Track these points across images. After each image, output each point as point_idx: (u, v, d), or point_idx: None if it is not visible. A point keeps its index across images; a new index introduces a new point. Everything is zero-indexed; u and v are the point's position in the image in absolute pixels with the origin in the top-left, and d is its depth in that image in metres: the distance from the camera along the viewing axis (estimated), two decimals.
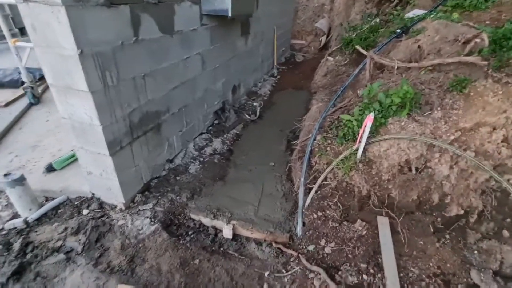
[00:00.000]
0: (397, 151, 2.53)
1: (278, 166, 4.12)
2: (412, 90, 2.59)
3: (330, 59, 5.24)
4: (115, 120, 2.53)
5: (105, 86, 2.34)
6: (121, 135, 2.65)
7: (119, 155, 2.68)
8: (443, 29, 3.10)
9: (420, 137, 2.47)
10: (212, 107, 4.65)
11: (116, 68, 2.41)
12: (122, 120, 2.62)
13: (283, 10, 8.24)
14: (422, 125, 2.57)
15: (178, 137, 3.76)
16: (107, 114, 2.42)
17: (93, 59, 2.17)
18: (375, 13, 5.35)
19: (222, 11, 3.56)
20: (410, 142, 2.51)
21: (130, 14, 2.44)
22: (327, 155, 2.99)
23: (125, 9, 2.38)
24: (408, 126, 2.61)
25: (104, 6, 2.18)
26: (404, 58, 3.39)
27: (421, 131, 2.54)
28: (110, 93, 2.41)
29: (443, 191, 2.43)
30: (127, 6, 2.39)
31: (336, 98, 3.51)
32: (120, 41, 2.40)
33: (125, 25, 2.42)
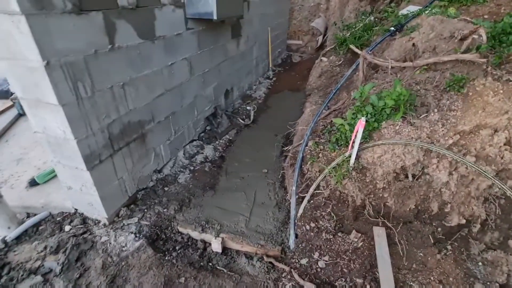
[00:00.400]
0: (391, 157, 2.37)
1: (271, 172, 3.96)
2: (406, 92, 2.43)
3: (324, 59, 5.09)
4: (91, 133, 2.40)
5: (78, 98, 2.20)
6: (99, 148, 2.51)
7: (98, 169, 2.55)
8: (439, 25, 2.94)
9: (416, 141, 2.30)
10: (203, 113, 4.51)
11: (90, 79, 2.28)
12: (100, 132, 2.49)
13: (277, 11, 8.11)
14: (418, 128, 2.41)
15: (166, 146, 3.62)
16: (81, 127, 2.29)
17: (62, 70, 2.04)
18: (369, 11, 5.18)
19: (207, 14, 3.43)
20: (406, 147, 2.34)
21: (103, 21, 2.31)
22: (319, 162, 2.83)
23: (97, 16, 2.25)
24: (403, 130, 2.44)
25: (73, 14, 2.05)
26: (399, 57, 3.23)
27: (417, 135, 2.37)
28: (85, 105, 2.28)
29: (442, 199, 2.26)
30: (100, 13, 2.26)
31: (329, 100, 3.35)
32: (93, 49, 2.27)
33: (98, 33, 2.29)
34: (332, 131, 3.16)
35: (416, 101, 2.58)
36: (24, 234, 2.79)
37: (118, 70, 2.57)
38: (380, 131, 2.54)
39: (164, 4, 3.03)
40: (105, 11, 2.31)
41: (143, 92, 2.96)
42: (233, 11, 3.93)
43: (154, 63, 3.05)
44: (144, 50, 2.85)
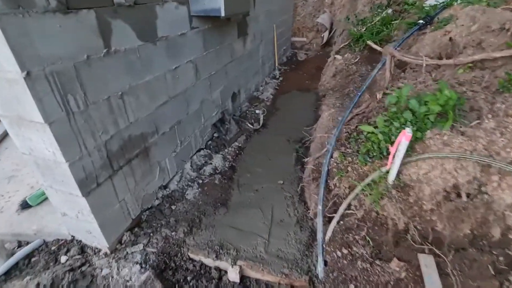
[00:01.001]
0: (441, 174, 2.01)
1: (287, 184, 3.60)
2: (455, 95, 2.06)
3: (339, 57, 4.70)
4: (86, 153, 2.04)
5: (68, 114, 1.85)
6: (96, 169, 2.16)
7: (95, 194, 2.19)
8: (481, 16, 2.56)
9: (472, 155, 1.94)
10: (210, 119, 4.15)
11: (82, 90, 1.92)
12: (96, 151, 2.13)
13: (282, 7, 7.72)
14: (471, 139, 2.04)
15: (172, 159, 3.26)
16: (74, 148, 1.94)
17: (47, 81, 1.68)
18: (385, 4, 4.79)
19: (214, 11, 3.05)
20: (458, 161, 1.98)
21: (96, 21, 1.95)
22: (348, 177, 2.47)
23: (89, 15, 1.89)
24: (453, 141, 2.07)
25: (58, 13, 1.68)
26: (432, 54, 2.85)
27: (471, 148, 2.00)
28: (77, 121, 1.92)
29: (506, 223, 1.90)
30: (92, 11, 1.90)
31: (354, 105, 2.99)
32: (85, 55, 1.91)
33: (90, 35, 1.93)
34: (359, 139, 2.79)
35: (465, 105, 2.21)
36: (15, 267, 2.45)
37: (115, 78, 2.21)
38: (425, 142, 2.17)
39: (166, 1, 2.66)
40: (98, 9, 1.95)
41: (144, 101, 2.61)
42: (241, 7, 3.55)
43: (156, 67, 2.69)
44: (144, 54, 2.49)
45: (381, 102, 3.08)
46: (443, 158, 2.02)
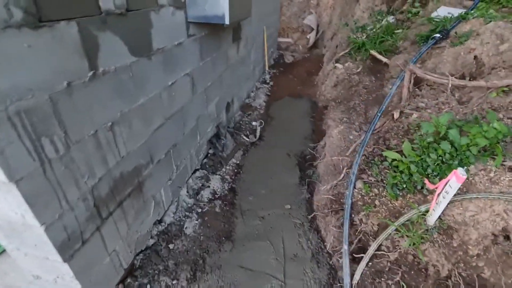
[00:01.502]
0: (490, 216, 1.81)
1: (295, 208, 3.30)
2: (505, 128, 1.86)
3: (339, 66, 4.46)
4: (68, 208, 1.57)
5: (43, 163, 1.37)
6: (81, 224, 1.69)
7: (80, 255, 1.72)
8: (510, 34, 2.41)
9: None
10: (206, 135, 3.72)
11: (62, 128, 1.45)
12: (81, 202, 1.66)
13: (272, 7, 7.36)
14: None
15: (167, 188, 2.82)
16: (51, 205, 1.46)
17: (12, 125, 1.20)
18: (385, 11, 4.62)
19: (216, 18, 2.63)
20: (509, 203, 1.79)
21: (79, 36, 1.47)
22: (377, 213, 2.21)
23: (70, 29, 1.41)
24: (501, 179, 1.89)
25: (25, 28, 1.20)
26: (454, 72, 2.68)
27: None
28: (55, 170, 1.44)
29: None
30: (73, 24, 1.42)
31: (373, 127, 2.74)
32: (65, 82, 1.43)
33: (72, 55, 1.45)
34: (381, 165, 2.54)
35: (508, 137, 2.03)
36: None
37: (104, 106, 1.74)
38: (468, 179, 1.97)
39: (162, 6, 2.20)
40: (82, 20, 1.47)
41: (138, 128, 2.14)
42: (244, 13, 3.15)
43: (151, 86, 2.23)
44: (138, 71, 2.02)
45: (398, 122, 2.86)
46: (493, 199, 1.82)
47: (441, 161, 2.08)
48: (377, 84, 4.00)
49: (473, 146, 1.97)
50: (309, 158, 4.09)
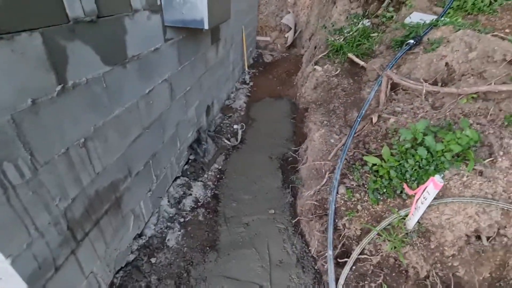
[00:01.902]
0: (464, 219, 1.92)
1: (279, 213, 3.31)
2: (476, 135, 1.97)
3: (319, 68, 4.51)
4: (38, 236, 1.44)
5: (6, 191, 1.24)
6: (54, 250, 1.56)
7: (54, 283, 1.59)
8: (477, 43, 2.56)
9: (496, 201, 1.87)
10: (186, 141, 3.61)
11: (27, 150, 1.31)
12: (53, 227, 1.53)
13: (249, 6, 7.29)
14: (490, 180, 1.99)
15: (147, 200, 2.70)
16: (18, 235, 1.33)
17: None
18: (361, 14, 4.73)
19: (195, 23, 2.53)
20: (481, 206, 1.90)
21: (44, 48, 1.34)
22: (359, 218, 2.26)
23: (33, 41, 1.28)
24: (472, 183, 2.00)
25: None
26: (428, 78, 2.80)
27: (492, 190, 1.95)
28: (21, 196, 1.31)
29: None
30: (36, 34, 1.29)
31: (353, 132, 2.79)
32: (30, 99, 1.30)
33: (37, 69, 1.32)
34: (361, 169, 2.61)
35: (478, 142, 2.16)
36: None
37: (75, 121, 1.61)
38: (444, 184, 2.07)
39: (136, 10, 2.07)
40: (47, 30, 1.34)
41: (114, 141, 2.02)
42: (223, 15, 3.07)
43: (126, 96, 2.10)
44: (112, 81, 1.90)
45: (377, 126, 2.95)
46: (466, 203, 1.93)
47: (419, 166, 2.18)
48: (355, 86, 4.10)
49: (448, 152, 2.08)
50: (291, 161, 4.12)
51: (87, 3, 1.57)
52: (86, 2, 1.57)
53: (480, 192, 1.99)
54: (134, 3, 2.06)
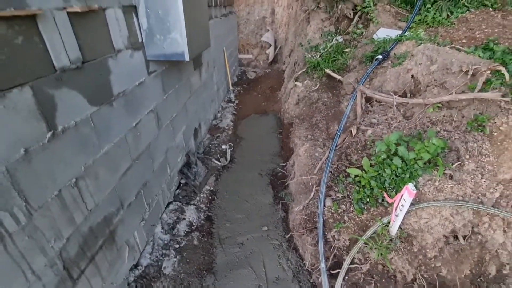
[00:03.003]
0: (440, 221, 2.06)
1: (272, 229, 3.38)
2: (442, 143, 2.15)
3: (299, 84, 4.72)
4: (34, 279, 1.47)
5: (3, 239, 1.29)
6: None
7: None
8: (437, 56, 2.80)
9: (467, 202, 2.03)
10: (176, 166, 3.68)
11: (22, 197, 1.38)
12: (49, 268, 1.57)
13: (229, 29, 7.59)
14: (459, 183, 2.15)
15: (141, 229, 2.73)
16: (16, 281, 1.37)
17: None
18: (334, 31, 5.04)
19: (176, 55, 2.68)
20: (453, 208, 2.05)
21: (34, 99, 1.43)
22: (347, 228, 2.37)
23: (23, 95, 1.37)
24: (444, 187, 2.16)
25: None
26: (397, 90, 3.02)
27: (462, 192, 2.11)
28: (17, 242, 1.36)
29: (500, 261, 2.03)
30: (27, 88, 1.39)
31: (334, 146, 2.95)
32: (22, 149, 1.37)
33: (28, 120, 1.40)
34: (345, 181, 2.74)
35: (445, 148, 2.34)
36: None
37: (66, 163, 1.68)
38: (419, 190, 2.22)
39: (119, 50, 2.20)
40: (36, 83, 1.44)
41: (105, 177, 2.08)
42: (203, 45, 3.24)
43: (114, 131, 2.19)
44: (100, 120, 1.99)
45: (356, 137, 3.12)
46: (440, 206, 2.08)
47: (395, 175, 2.33)
48: (334, 100, 4.31)
49: (420, 160, 2.25)
50: (281, 176, 4.23)
51: (72, 51, 1.68)
52: (71, 51, 1.68)
53: (452, 195, 2.14)
54: (117, 44, 2.19)
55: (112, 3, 2.08)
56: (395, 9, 4.47)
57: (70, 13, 1.63)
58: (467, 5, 3.90)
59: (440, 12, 3.98)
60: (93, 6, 1.83)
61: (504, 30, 3.36)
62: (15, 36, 1.32)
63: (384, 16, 4.35)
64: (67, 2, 1.62)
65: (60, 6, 1.57)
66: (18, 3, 1.32)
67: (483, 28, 3.48)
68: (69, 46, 1.65)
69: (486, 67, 2.46)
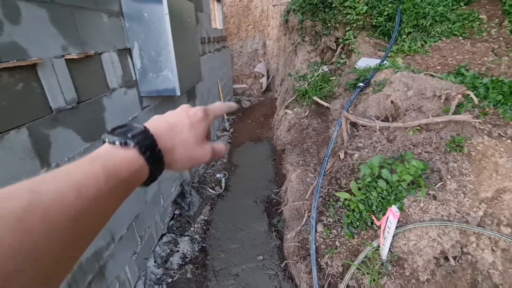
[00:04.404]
0: (428, 243, 2.07)
1: (268, 258, 3.33)
2: (422, 165, 2.25)
3: (289, 112, 4.92)
4: None
5: None
6: None
7: None
8: (412, 82, 3.00)
9: (453, 222, 2.07)
10: (170, 196, 3.70)
11: None
12: None
13: (223, 61, 8.00)
14: (443, 203, 2.21)
15: (132, 264, 2.69)
16: None
17: None
18: (319, 61, 5.37)
19: (167, 91, 2.85)
20: (439, 228, 2.08)
21: (30, 140, 1.53)
22: (339, 254, 2.37)
23: (20, 136, 1.47)
24: (429, 208, 2.21)
25: None
26: (379, 114, 3.18)
27: (446, 212, 2.16)
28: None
29: (493, 282, 2.02)
30: (23, 130, 1.49)
31: (323, 171, 3.03)
32: None
33: (21, 160, 1.49)
34: (335, 205, 2.78)
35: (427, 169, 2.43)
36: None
37: None
38: (405, 211, 2.26)
39: (113, 89, 2.36)
40: (32, 124, 1.54)
41: None
42: (194, 80, 3.44)
43: None
44: None
45: (344, 161, 3.20)
46: (427, 227, 2.11)
47: (381, 197, 2.38)
48: (323, 125, 4.47)
49: (403, 181, 2.32)
50: (275, 202, 4.24)
51: (68, 93, 1.82)
52: (67, 93, 1.82)
53: (437, 215, 2.18)
54: (111, 83, 2.35)
55: (108, 48, 2.27)
56: (374, 40, 4.81)
57: (67, 60, 1.79)
58: (439, 35, 4.23)
59: (415, 42, 4.30)
60: (89, 52, 2.00)
61: (473, 56, 3.62)
62: (15, 83, 1.45)
63: (364, 47, 4.67)
64: (65, 50, 1.79)
65: (59, 55, 1.73)
66: (20, 55, 1.47)
67: (454, 55, 3.75)
68: (65, 88, 1.78)
69: (456, 92, 2.64)
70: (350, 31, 4.94)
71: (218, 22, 8.61)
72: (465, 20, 4.31)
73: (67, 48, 1.79)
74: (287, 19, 6.69)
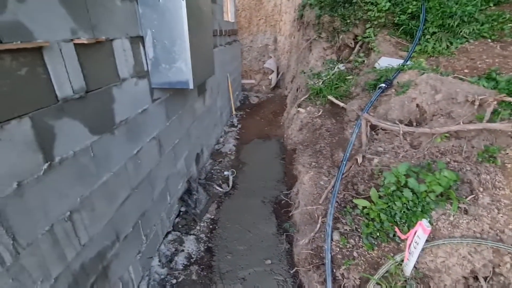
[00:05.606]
0: (458, 261, 1.91)
1: (276, 262, 3.18)
2: (454, 176, 2.07)
3: (302, 110, 4.74)
4: None
5: None
6: None
7: None
8: (441, 85, 2.80)
9: (487, 241, 1.90)
10: (176, 193, 3.57)
11: (9, 235, 1.29)
12: None
13: (233, 55, 7.82)
14: (476, 218, 2.03)
15: (137, 263, 2.57)
16: None
17: None
18: (335, 59, 5.16)
19: (180, 84, 2.69)
20: (471, 246, 1.91)
21: (33, 131, 1.39)
22: (357, 266, 2.21)
23: (22, 126, 1.33)
24: (460, 222, 2.04)
25: None
26: (402, 118, 2.99)
27: (479, 228, 1.99)
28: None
29: None
30: (26, 120, 1.35)
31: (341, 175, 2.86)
32: (15, 182, 1.30)
33: (23, 153, 1.35)
34: (353, 212, 2.62)
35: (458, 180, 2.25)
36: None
37: (61, 195, 1.60)
38: (433, 225, 2.09)
39: (124, 79, 2.21)
40: (36, 114, 1.40)
41: (101, 209, 1.99)
42: (207, 73, 3.28)
43: (114, 160, 2.13)
44: (100, 149, 1.94)
45: (362, 166, 3.03)
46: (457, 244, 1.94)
47: (406, 208, 2.22)
48: (338, 126, 4.28)
49: (431, 192, 2.14)
50: (284, 204, 4.09)
51: (76, 81, 1.67)
52: (75, 81, 1.67)
53: (469, 231, 2.01)
54: (122, 73, 2.19)
55: (120, 34, 2.12)
56: (395, 39, 4.59)
57: (76, 44, 1.64)
58: (466, 36, 3.99)
59: (440, 43, 4.07)
60: (100, 38, 1.85)
61: (505, 60, 3.40)
62: (18, 68, 1.30)
63: (385, 46, 4.45)
64: (75, 34, 1.63)
65: (68, 38, 1.58)
66: (25, 36, 1.32)
67: (484, 58, 3.53)
68: (73, 76, 1.64)
69: (493, 98, 2.44)
70: (370, 28, 4.71)
71: (230, 14, 8.40)
72: (495, 22, 4.06)
73: (76, 32, 1.64)
74: (302, 14, 6.46)
